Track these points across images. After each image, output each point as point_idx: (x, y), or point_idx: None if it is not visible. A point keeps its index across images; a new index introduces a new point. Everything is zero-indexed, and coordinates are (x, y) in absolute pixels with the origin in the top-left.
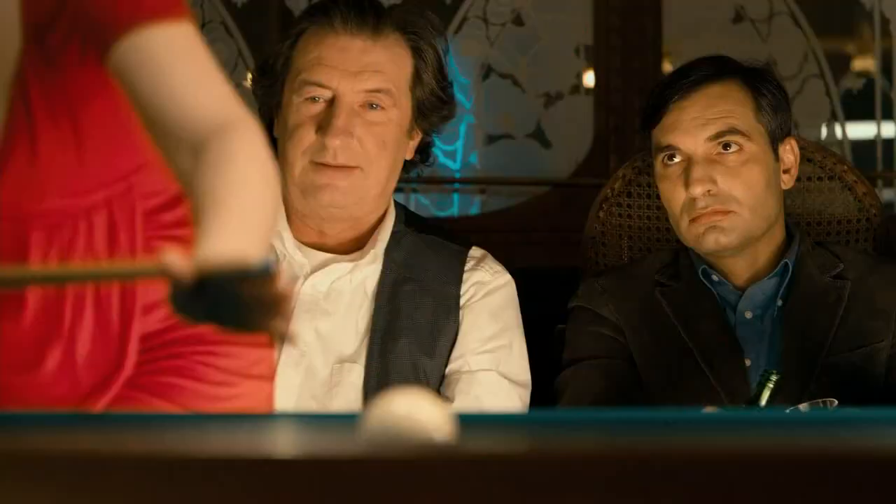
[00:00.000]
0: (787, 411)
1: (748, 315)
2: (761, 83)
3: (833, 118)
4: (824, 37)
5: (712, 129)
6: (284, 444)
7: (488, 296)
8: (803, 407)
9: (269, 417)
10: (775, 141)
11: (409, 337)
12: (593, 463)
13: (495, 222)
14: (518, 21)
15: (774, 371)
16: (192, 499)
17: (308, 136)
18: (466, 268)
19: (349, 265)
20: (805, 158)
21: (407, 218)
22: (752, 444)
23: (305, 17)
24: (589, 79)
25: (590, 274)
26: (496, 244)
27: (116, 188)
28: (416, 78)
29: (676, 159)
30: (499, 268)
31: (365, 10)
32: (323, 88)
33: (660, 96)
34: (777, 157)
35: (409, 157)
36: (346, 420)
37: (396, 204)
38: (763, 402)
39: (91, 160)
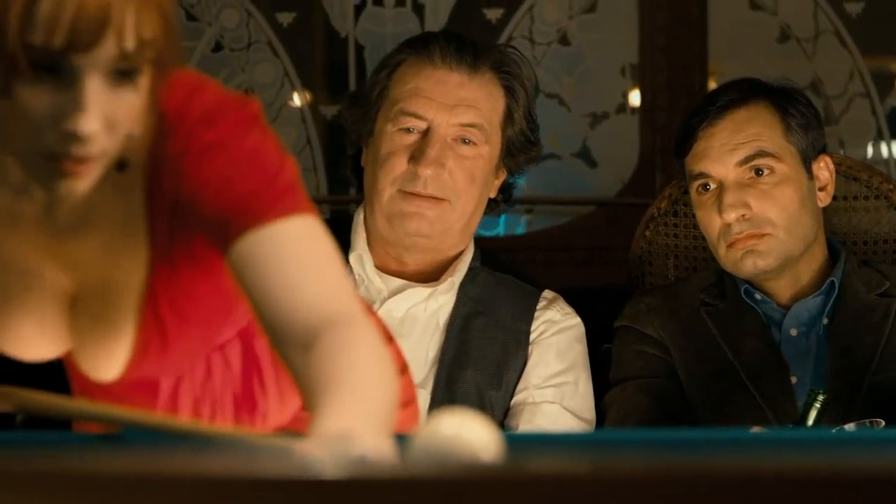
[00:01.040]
0: (834, 431)
1: (793, 332)
2: (789, 103)
3: (879, 137)
4: (870, 56)
5: (741, 154)
6: (333, 465)
7: (558, 334)
8: (850, 427)
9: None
10: (808, 160)
11: (476, 368)
12: (639, 484)
13: (541, 242)
14: (564, 41)
15: (821, 390)
16: None
17: (400, 165)
18: (538, 307)
19: (426, 292)
20: (851, 178)
21: (483, 257)
22: (799, 464)
23: (404, 48)
24: (635, 98)
25: (636, 293)
26: (542, 263)
27: (246, 318)
28: (508, 117)
29: (710, 187)
30: (570, 310)
31: (464, 46)
32: (418, 119)
33: (688, 125)
34: (811, 176)
35: (492, 195)
36: (394, 441)
37: (475, 242)
38: (810, 421)
39: (218, 318)
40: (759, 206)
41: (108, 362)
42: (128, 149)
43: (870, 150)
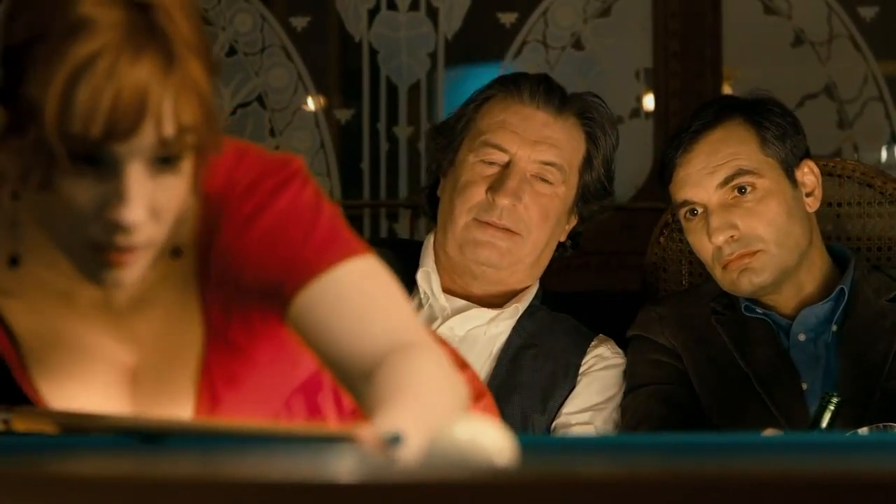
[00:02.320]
0: (848, 435)
1: (801, 337)
2: (763, 115)
3: (893, 141)
4: (884, 60)
5: (720, 176)
6: (347, 468)
7: (605, 370)
8: (863, 431)
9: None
10: (789, 169)
11: (523, 394)
12: (653, 487)
13: None
14: (577, 45)
15: (835, 394)
16: None
17: (478, 194)
18: (591, 345)
19: (489, 315)
20: (865, 184)
21: (544, 296)
22: (813, 468)
23: (495, 84)
24: (649, 102)
25: (649, 301)
26: (556, 268)
27: (307, 372)
28: (587, 162)
29: (697, 212)
30: (620, 351)
31: (552, 89)
32: (501, 152)
33: (666, 154)
34: (795, 184)
35: (562, 238)
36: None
37: (539, 282)
38: (824, 424)
39: (277, 382)
40: (746, 224)
41: None
42: (180, 234)
43: (884, 154)
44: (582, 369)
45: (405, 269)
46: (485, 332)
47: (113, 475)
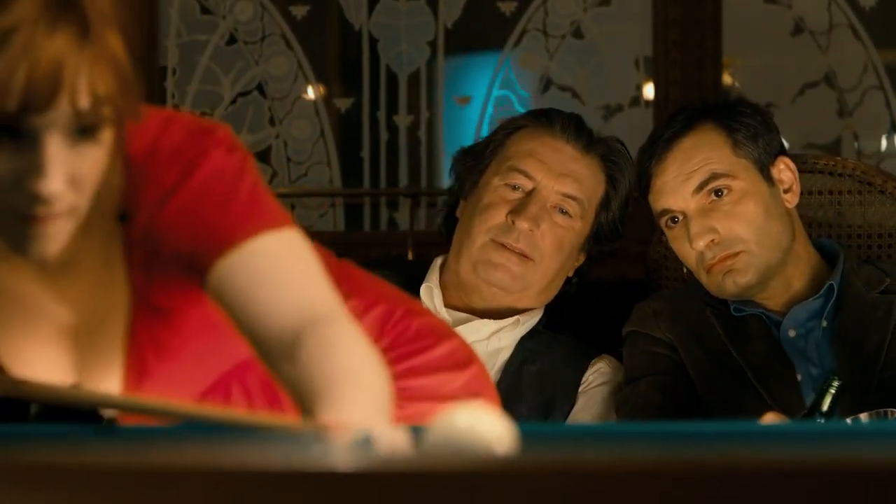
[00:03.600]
0: (848, 422)
1: (791, 333)
2: (733, 118)
3: (893, 130)
4: (884, 48)
5: (695, 182)
6: (345, 457)
7: (605, 385)
8: (864, 417)
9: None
10: (764, 167)
11: (524, 407)
12: (653, 475)
13: None
14: (578, 34)
15: (836, 377)
16: None
17: (498, 216)
18: (592, 361)
19: (490, 329)
20: (865, 182)
21: (548, 322)
22: (814, 455)
23: (529, 116)
24: (648, 91)
25: (645, 297)
26: None
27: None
28: (605, 202)
29: (678, 219)
30: (620, 367)
31: (582, 127)
32: (527, 178)
33: (641, 165)
34: (772, 182)
35: (570, 273)
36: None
37: (544, 309)
38: (825, 407)
39: (213, 350)
40: (725, 227)
41: None
42: (110, 199)
43: (884, 143)
44: (582, 387)
45: (408, 286)
46: (486, 346)
47: (68, 463)
